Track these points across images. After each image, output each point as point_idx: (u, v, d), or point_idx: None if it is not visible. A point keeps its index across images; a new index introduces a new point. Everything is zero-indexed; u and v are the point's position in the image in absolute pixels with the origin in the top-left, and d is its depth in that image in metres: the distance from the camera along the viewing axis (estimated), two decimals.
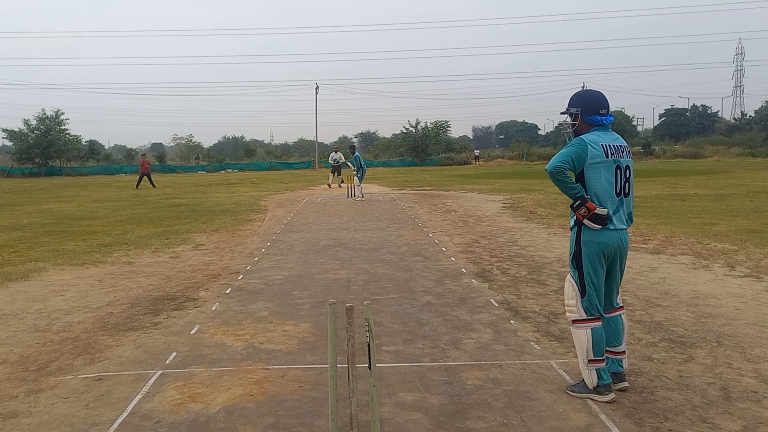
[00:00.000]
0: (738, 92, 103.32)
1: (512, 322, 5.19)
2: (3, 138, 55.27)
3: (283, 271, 7.57)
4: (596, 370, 3.55)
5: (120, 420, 3.42)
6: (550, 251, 8.56)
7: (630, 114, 69.38)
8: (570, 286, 3.67)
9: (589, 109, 3.65)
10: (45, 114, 53.03)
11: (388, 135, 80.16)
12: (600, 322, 3.61)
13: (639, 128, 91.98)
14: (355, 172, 19.38)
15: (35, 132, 52.06)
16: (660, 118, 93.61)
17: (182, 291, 6.57)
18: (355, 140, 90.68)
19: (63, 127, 54.02)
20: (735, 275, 6.75)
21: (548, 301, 5.84)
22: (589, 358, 3.55)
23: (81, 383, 3.98)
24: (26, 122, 52.53)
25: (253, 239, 10.48)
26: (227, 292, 6.47)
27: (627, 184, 3.61)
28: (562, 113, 3.80)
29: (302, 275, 7.27)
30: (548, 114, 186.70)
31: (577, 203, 3.58)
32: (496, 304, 5.76)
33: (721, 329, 4.85)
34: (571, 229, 3.71)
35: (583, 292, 3.61)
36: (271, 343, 4.73)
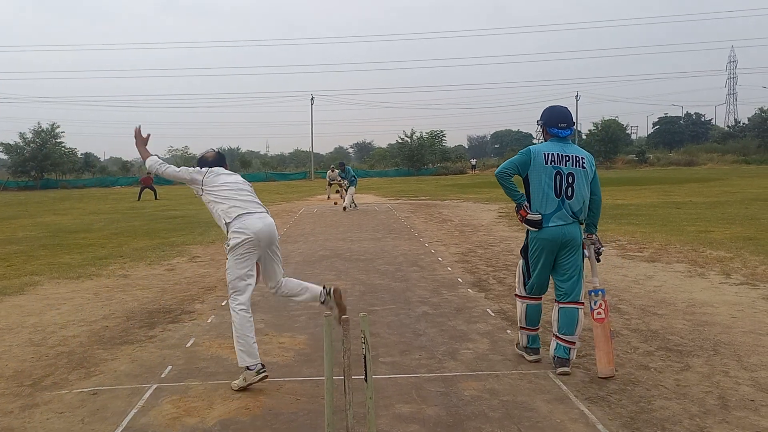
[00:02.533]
0: (731, 100, 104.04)
1: (509, 331, 5.18)
2: None
3: None
4: (526, 335, 4.44)
5: None
6: None
7: (624, 122, 69.69)
8: (518, 269, 4.53)
9: (550, 122, 4.27)
10: (41, 127, 53.12)
11: (384, 145, 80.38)
12: (536, 302, 4.42)
13: (633, 136, 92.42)
14: (345, 183, 19.41)
15: (31, 145, 52.08)
16: (654, 126, 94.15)
17: (178, 304, 6.55)
18: (350, 150, 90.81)
19: (59, 140, 54.09)
20: (731, 283, 6.76)
21: (544, 311, 5.83)
22: (521, 325, 4.46)
23: (76, 398, 3.95)
24: (22, 135, 52.57)
25: None
26: (223, 304, 6.45)
27: (570, 188, 4.15)
28: (537, 123, 4.49)
29: None
30: None
31: (515, 208, 4.35)
32: (493, 314, 5.75)
33: (718, 337, 4.85)
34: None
35: (527, 276, 4.40)
36: (267, 355, 4.71)
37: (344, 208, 18.57)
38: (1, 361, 4.74)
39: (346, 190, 19.16)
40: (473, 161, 63.04)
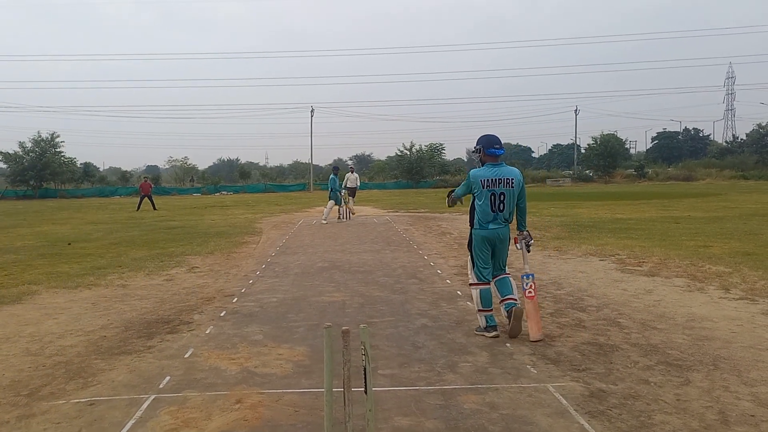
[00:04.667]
0: (729, 116, 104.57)
1: (508, 345, 5.17)
2: None
3: (278, 293, 7.54)
4: (484, 316, 5.46)
5: None
6: (545, 273, 8.56)
7: (623, 137, 70.01)
8: (468, 263, 5.72)
9: (488, 145, 5.54)
10: (40, 136, 53.22)
11: (383, 157, 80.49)
12: (487, 286, 5.53)
13: (632, 151, 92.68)
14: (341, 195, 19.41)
15: (30, 154, 52.14)
16: (652, 141, 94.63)
17: (176, 314, 6.53)
18: (350, 162, 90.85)
19: (58, 150, 54.16)
20: (730, 298, 6.76)
21: (544, 324, 5.82)
22: (478, 308, 5.52)
23: (73, 408, 3.93)
24: (21, 145, 52.62)
25: (248, 262, 10.45)
26: (222, 315, 6.44)
27: (501, 204, 5.45)
28: (473, 150, 5.87)
29: (297, 298, 7.24)
30: (542, 137, 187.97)
31: (448, 193, 6.11)
32: None
33: (718, 352, 4.84)
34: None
35: (473, 264, 5.60)
36: (265, 366, 4.69)
37: (338, 218, 18.67)
38: None
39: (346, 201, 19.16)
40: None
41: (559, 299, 6.91)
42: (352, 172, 22.90)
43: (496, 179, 5.42)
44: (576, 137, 79.27)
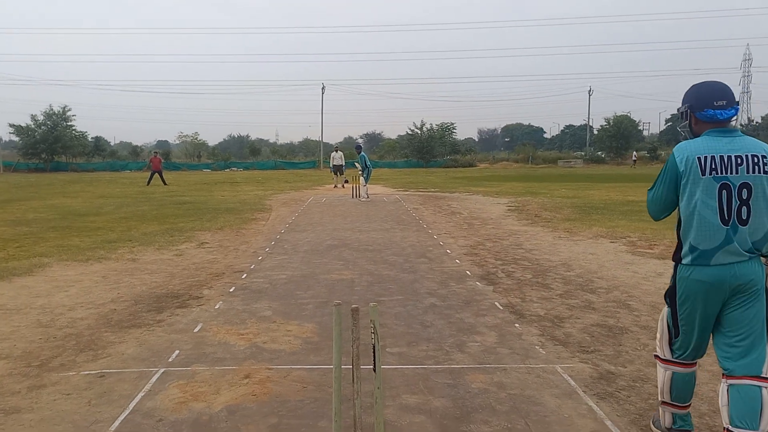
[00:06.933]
0: (745, 98, 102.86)
1: (517, 325, 5.16)
2: (10, 133, 55.54)
3: (287, 270, 7.55)
4: (671, 412, 3.16)
5: (122, 417, 3.40)
6: (555, 255, 8.52)
7: (636, 118, 69.07)
8: (661, 321, 3.19)
9: (701, 102, 2.99)
10: (52, 110, 53.31)
11: (394, 136, 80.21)
12: (687, 369, 3.12)
13: (645, 133, 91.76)
14: (360, 172, 19.38)
15: (42, 128, 52.30)
16: (666, 123, 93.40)
17: (186, 289, 6.56)
18: (360, 140, 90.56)
19: (69, 123, 54.29)
20: None
21: (553, 305, 5.81)
22: (663, 399, 3.18)
23: (83, 380, 3.96)
24: (33, 118, 52.76)
25: (258, 238, 10.47)
26: (231, 290, 6.46)
27: (745, 207, 2.84)
28: (678, 116, 3.30)
29: (306, 275, 7.25)
30: (554, 117, 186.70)
31: None
32: (501, 307, 5.72)
33: None
34: None
35: (668, 333, 3.15)
36: (274, 342, 4.70)
37: (360, 197, 18.68)
38: (10, 342, 4.76)
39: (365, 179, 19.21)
40: (635, 154, 58.34)
41: (569, 281, 6.87)
42: (336, 151, 25.46)
43: (730, 157, 2.82)
44: (589, 118, 78.46)
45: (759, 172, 2.78)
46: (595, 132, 68.62)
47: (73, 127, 54.93)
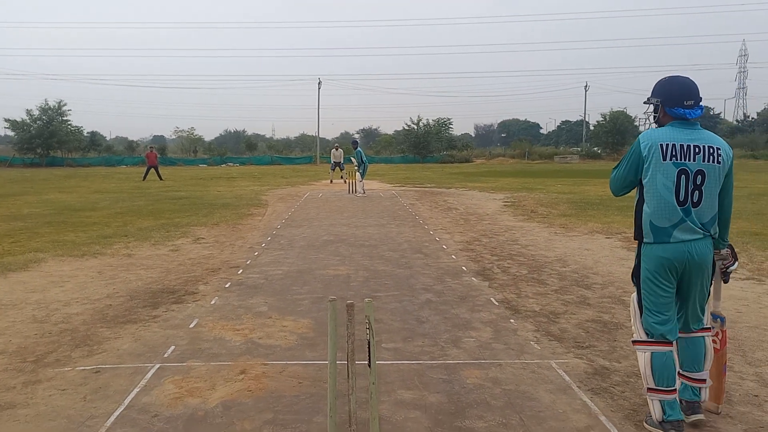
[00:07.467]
0: (741, 94, 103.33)
1: (512, 321, 5.17)
2: (5, 128, 55.21)
3: (283, 266, 7.55)
4: (659, 400, 3.19)
5: (117, 413, 3.40)
6: (550, 250, 8.54)
7: (632, 114, 69.10)
8: (632, 304, 3.46)
9: (671, 100, 3.24)
10: (47, 104, 52.96)
11: (390, 131, 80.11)
12: (667, 348, 3.24)
13: (641, 128, 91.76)
14: (356, 168, 19.36)
15: (37, 122, 52.00)
16: None
17: (182, 284, 6.56)
18: (356, 136, 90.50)
19: (65, 118, 53.94)
20: (736, 278, 6.71)
21: (548, 301, 5.82)
22: (648, 386, 3.23)
23: (79, 375, 3.96)
24: (28, 112, 52.46)
25: (254, 234, 10.46)
26: (227, 286, 6.45)
27: (698, 192, 3.20)
28: (647, 108, 3.45)
29: (302, 271, 7.25)
30: (550, 113, 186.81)
31: None
32: (496, 303, 5.74)
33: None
34: None
35: (640, 309, 3.35)
36: (270, 338, 4.71)
37: (356, 193, 18.66)
38: (5, 337, 4.75)
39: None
40: None
41: (564, 276, 6.89)
42: (337, 149, 26.46)
43: (690, 146, 3.15)
44: (585, 114, 78.44)
45: (713, 162, 3.16)
46: (592, 128, 68.59)
47: (69, 122, 54.61)
